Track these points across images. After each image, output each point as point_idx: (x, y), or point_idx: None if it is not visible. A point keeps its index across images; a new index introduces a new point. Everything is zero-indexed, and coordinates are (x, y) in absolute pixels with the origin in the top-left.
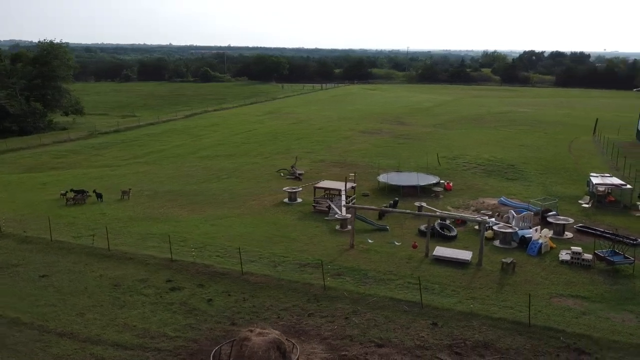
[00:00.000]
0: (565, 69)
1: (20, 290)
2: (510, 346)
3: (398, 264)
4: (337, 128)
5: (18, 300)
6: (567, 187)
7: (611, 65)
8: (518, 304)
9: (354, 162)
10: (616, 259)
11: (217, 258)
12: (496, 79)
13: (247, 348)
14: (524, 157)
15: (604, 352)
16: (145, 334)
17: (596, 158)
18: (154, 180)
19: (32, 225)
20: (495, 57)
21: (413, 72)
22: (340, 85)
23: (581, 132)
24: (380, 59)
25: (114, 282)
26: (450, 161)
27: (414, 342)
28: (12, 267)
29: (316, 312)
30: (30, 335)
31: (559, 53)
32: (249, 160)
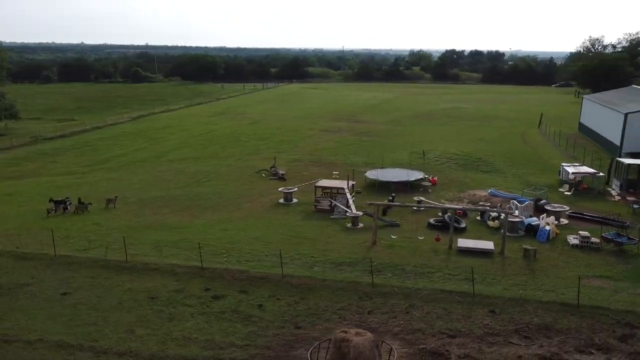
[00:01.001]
0: (491, 66)
1: (47, 311)
2: (569, 326)
3: (428, 257)
4: (296, 127)
5: (49, 322)
6: (539, 177)
7: (523, 63)
8: (557, 287)
9: (328, 160)
10: (622, 241)
11: (248, 263)
12: (428, 76)
13: (351, 348)
14: (487, 151)
15: None
16: (211, 345)
17: (551, 149)
18: (130, 186)
19: (24, 241)
20: (421, 55)
21: (349, 70)
22: (280, 85)
23: (526, 125)
24: (311, 57)
25: (149, 294)
26: (422, 156)
27: (481, 330)
28: (23, 287)
29: (375, 309)
30: (86, 357)
31: (477, 52)
32: (222, 163)
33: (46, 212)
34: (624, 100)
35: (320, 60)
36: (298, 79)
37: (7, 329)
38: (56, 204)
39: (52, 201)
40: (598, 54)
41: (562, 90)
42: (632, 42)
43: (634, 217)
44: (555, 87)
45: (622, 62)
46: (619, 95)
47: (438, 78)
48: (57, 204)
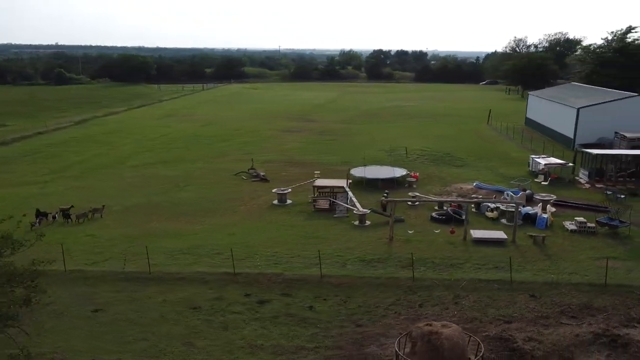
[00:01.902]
0: (423, 65)
1: (85, 330)
2: (605, 304)
3: (449, 249)
4: (254, 128)
5: (94, 340)
6: (509, 169)
7: (453, 62)
8: (578, 269)
9: (302, 160)
10: (616, 224)
11: (278, 265)
12: (363, 75)
13: (444, 340)
14: (451, 147)
15: None
16: (280, 350)
17: (508, 143)
18: (105, 194)
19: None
20: (351, 55)
21: (286, 70)
22: (219, 85)
23: (475, 122)
24: (244, 57)
25: (189, 305)
26: (392, 153)
27: (532, 314)
28: (44, 306)
29: (424, 302)
30: None
31: (403, 51)
32: (192, 166)
33: (30, 225)
34: (570, 96)
35: (252, 61)
36: (234, 79)
37: (51, 352)
38: (39, 216)
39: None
40: (527, 54)
41: (491, 88)
42: (552, 42)
43: (609, 203)
44: (482, 85)
45: (548, 61)
46: (562, 92)
47: (372, 77)
48: (41, 216)
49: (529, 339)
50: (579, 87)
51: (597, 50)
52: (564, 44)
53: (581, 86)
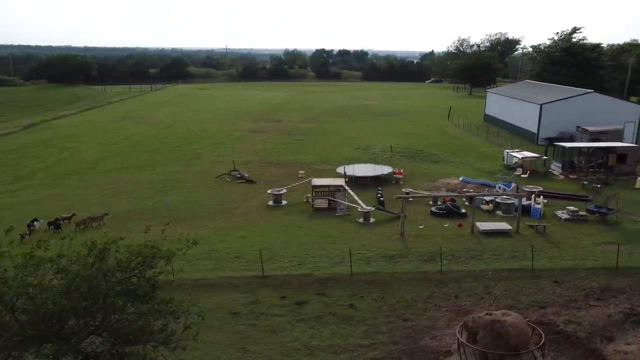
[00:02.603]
0: (370, 65)
1: None
2: (622, 285)
3: (462, 242)
4: (219, 129)
5: None
6: (484, 164)
7: (391, 61)
8: (587, 255)
9: (280, 160)
10: (606, 212)
11: (304, 266)
12: (311, 75)
13: (509, 327)
14: (421, 143)
15: None
16: (338, 349)
17: (474, 139)
18: (86, 202)
19: None
20: (296, 55)
21: (234, 70)
22: (167, 86)
23: (436, 118)
24: (187, 58)
25: (227, 311)
26: (367, 151)
27: (561, 298)
28: None
29: (459, 294)
30: None
31: (345, 51)
32: (169, 170)
33: (20, 237)
34: (530, 93)
35: (194, 61)
36: (181, 79)
37: None
38: (30, 225)
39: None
40: (474, 53)
41: (438, 86)
42: (492, 42)
43: (587, 192)
44: (428, 83)
45: (493, 60)
46: (519, 89)
47: (321, 76)
48: (31, 225)
49: (569, 322)
50: (534, 84)
51: (547, 50)
52: (504, 43)
53: (536, 83)
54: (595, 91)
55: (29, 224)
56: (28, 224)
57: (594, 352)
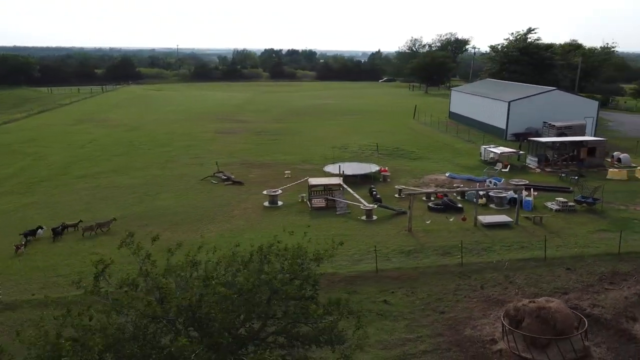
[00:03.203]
0: (323, 64)
1: None
2: (628, 269)
3: (470, 235)
4: (187, 131)
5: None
6: (462, 160)
7: (352, 62)
8: (588, 243)
9: (260, 161)
10: (593, 201)
11: (326, 265)
12: (265, 75)
13: (555, 314)
14: (395, 141)
15: None
16: (387, 344)
17: (444, 136)
18: (67, 209)
19: (32, 285)
20: (246, 55)
21: (186, 70)
22: (119, 87)
23: (401, 116)
24: (130, 57)
25: None
26: (345, 150)
27: (578, 284)
28: None
29: (484, 285)
30: None
31: (294, 50)
32: (148, 174)
33: (15, 248)
34: (495, 91)
35: (140, 61)
36: (131, 80)
37: None
38: (28, 235)
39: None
40: (430, 52)
41: (392, 85)
42: (443, 42)
43: (566, 184)
44: (382, 82)
45: (447, 59)
46: (483, 87)
47: (275, 76)
48: (28, 235)
49: (593, 305)
50: (496, 82)
51: (504, 50)
52: (454, 43)
53: (498, 82)
54: (557, 89)
55: (27, 233)
56: (25, 234)
57: (625, 332)
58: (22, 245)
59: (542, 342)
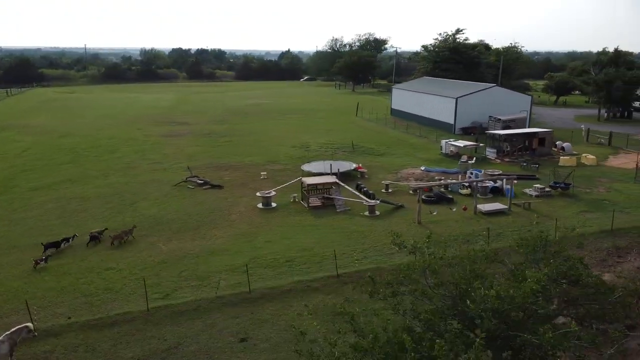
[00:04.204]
0: (243, 64)
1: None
2: (627, 244)
3: (477, 223)
4: (128, 136)
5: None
6: (423, 154)
7: (269, 61)
8: (580, 223)
9: (228, 163)
10: (567, 186)
11: (363, 261)
12: (183, 75)
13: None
14: (350, 139)
15: None
16: None
17: (393, 132)
18: (39, 226)
19: (58, 308)
20: (155, 54)
21: (96, 71)
22: (25, 90)
23: (342, 115)
24: (28, 57)
25: (329, 310)
26: (308, 149)
27: (593, 259)
28: (180, 347)
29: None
30: None
31: (203, 50)
32: (113, 182)
33: (33, 263)
34: (437, 88)
35: (39, 61)
36: (35, 82)
37: None
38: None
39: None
40: (356, 52)
41: (315, 84)
42: (362, 42)
43: (528, 172)
44: (303, 81)
45: (372, 58)
46: (424, 85)
47: (194, 76)
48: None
49: (618, 277)
50: (433, 80)
51: (436, 49)
52: (373, 43)
53: (434, 79)
54: (496, 85)
55: (50, 245)
56: (47, 245)
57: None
58: (43, 260)
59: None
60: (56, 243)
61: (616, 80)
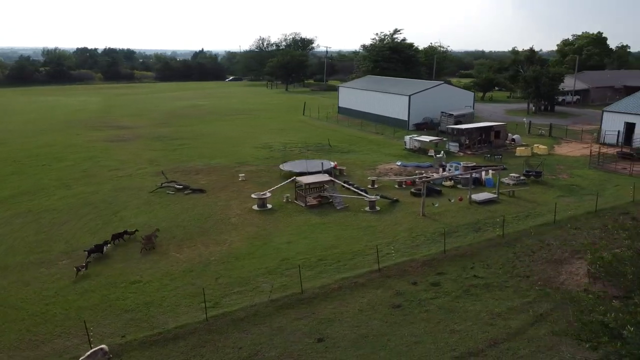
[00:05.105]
0: (163, 64)
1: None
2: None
3: (476, 212)
4: (68, 142)
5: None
6: (387, 149)
7: (193, 61)
8: (563, 207)
9: (195, 167)
10: (539, 174)
11: (390, 255)
12: (99, 76)
13: None
14: (309, 138)
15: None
16: (514, 311)
17: (348, 129)
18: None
19: (103, 327)
20: (59, 54)
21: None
22: None
23: (288, 114)
24: None
25: (387, 304)
26: (272, 149)
27: (595, 237)
28: (253, 357)
29: (534, 250)
30: None
31: (111, 49)
32: (79, 192)
33: (75, 271)
34: (387, 86)
35: None
36: None
37: None
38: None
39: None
40: (288, 51)
41: (244, 84)
42: (288, 41)
43: (493, 162)
44: (229, 81)
45: (304, 57)
46: (370, 83)
47: (111, 77)
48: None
49: (627, 249)
50: (378, 78)
51: (377, 49)
52: (300, 43)
53: (379, 77)
54: (444, 83)
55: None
56: (90, 250)
57: None
58: (83, 267)
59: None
60: (99, 247)
61: (542, 77)
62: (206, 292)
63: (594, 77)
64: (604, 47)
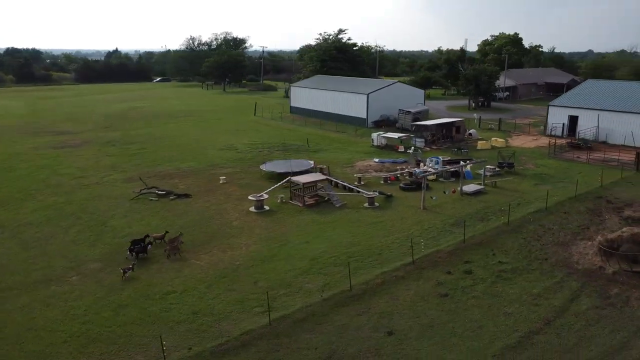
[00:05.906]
0: (83, 64)
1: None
2: (599, 206)
3: (472, 202)
4: (11, 151)
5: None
6: (354, 147)
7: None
8: (549, 193)
9: (166, 172)
10: (511, 165)
11: (418, 247)
12: (10, 78)
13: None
14: (271, 137)
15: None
16: (549, 291)
17: (304, 129)
18: (13, 260)
19: (166, 339)
20: None
21: None
22: None
23: (236, 115)
24: None
25: (433, 293)
26: (238, 151)
27: (589, 221)
28: (334, 355)
29: (541, 235)
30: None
31: (15, 49)
32: (49, 203)
33: (122, 273)
34: (341, 85)
35: None
36: None
37: None
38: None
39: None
40: (225, 51)
41: (174, 84)
42: (219, 41)
43: (460, 156)
44: (156, 82)
45: (241, 57)
46: (321, 82)
47: (24, 79)
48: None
49: (632, 223)
50: (329, 78)
51: (323, 49)
52: (232, 42)
53: (329, 77)
54: (397, 82)
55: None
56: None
57: None
58: (130, 269)
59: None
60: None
61: (482, 75)
62: (252, 296)
63: (519, 75)
64: (520, 47)
